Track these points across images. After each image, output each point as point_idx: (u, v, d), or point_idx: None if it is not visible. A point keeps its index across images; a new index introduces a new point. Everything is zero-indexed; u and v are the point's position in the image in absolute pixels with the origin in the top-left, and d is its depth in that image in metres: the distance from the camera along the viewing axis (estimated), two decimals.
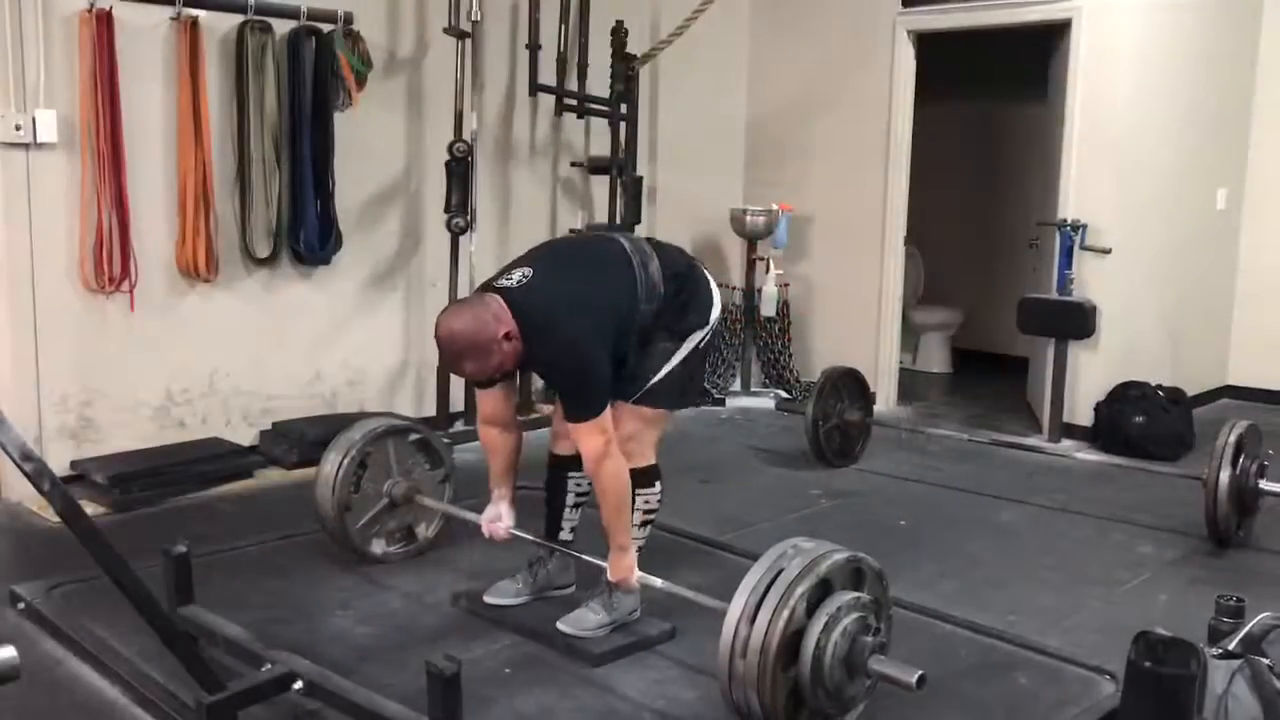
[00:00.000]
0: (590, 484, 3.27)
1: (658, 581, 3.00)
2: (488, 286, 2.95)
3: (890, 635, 2.58)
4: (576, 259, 3.13)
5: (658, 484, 3.15)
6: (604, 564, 3.07)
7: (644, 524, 3.14)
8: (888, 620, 2.58)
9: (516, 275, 2.93)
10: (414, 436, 3.71)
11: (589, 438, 2.89)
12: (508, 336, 2.82)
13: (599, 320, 2.92)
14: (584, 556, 3.20)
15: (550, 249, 3.29)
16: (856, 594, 2.46)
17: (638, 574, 3.02)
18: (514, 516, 3.28)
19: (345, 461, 3.51)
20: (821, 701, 2.43)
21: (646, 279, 3.03)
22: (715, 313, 3.19)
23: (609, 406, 2.91)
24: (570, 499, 3.31)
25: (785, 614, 2.34)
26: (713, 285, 3.23)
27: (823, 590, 2.42)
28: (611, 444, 2.92)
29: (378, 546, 3.68)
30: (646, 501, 3.12)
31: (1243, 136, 6.60)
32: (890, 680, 2.40)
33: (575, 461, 3.23)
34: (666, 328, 3.07)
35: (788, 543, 2.52)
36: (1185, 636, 2.33)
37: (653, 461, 3.14)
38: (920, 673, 2.34)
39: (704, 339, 3.16)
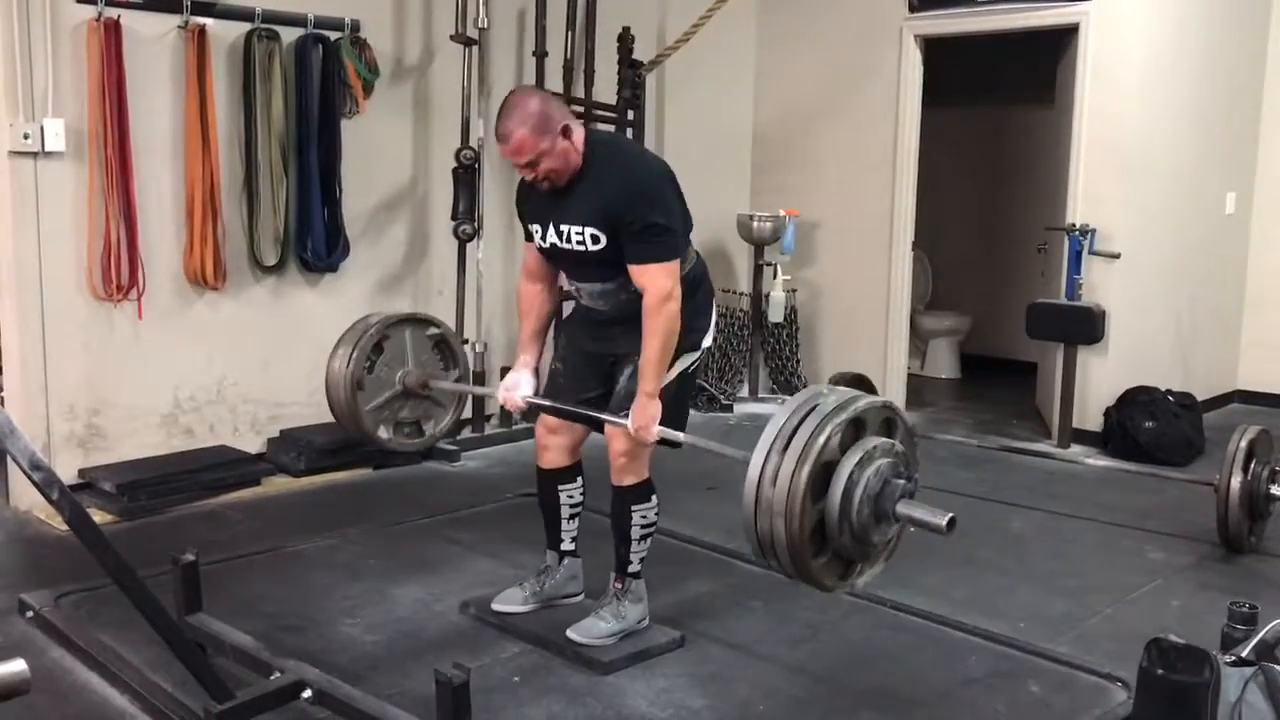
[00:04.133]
0: (583, 494, 3.28)
1: (681, 436, 2.92)
2: None
3: (918, 484, 2.46)
4: None
5: (653, 498, 3.12)
6: (623, 421, 2.94)
7: (644, 538, 3.13)
8: (916, 476, 2.48)
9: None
10: (432, 330, 3.61)
11: (659, 277, 2.85)
12: (566, 132, 2.82)
13: (676, 190, 3.00)
14: (602, 415, 3.04)
15: None
16: (890, 440, 2.39)
17: (658, 428, 2.92)
18: (534, 385, 3.21)
19: (362, 340, 3.42)
20: (846, 541, 2.34)
21: (689, 249, 3.10)
22: (708, 340, 3.16)
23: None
24: (566, 511, 3.29)
25: (820, 441, 2.25)
26: (713, 309, 3.22)
27: (855, 429, 2.34)
28: (677, 289, 2.89)
29: (385, 431, 3.58)
30: (644, 516, 3.10)
31: (1252, 140, 6.59)
32: (919, 524, 2.32)
33: (563, 474, 3.24)
34: None
35: (818, 386, 2.47)
36: (1198, 643, 2.31)
37: (646, 476, 3.10)
38: (951, 515, 2.26)
39: (694, 363, 3.12)
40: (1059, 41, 5.95)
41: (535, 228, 3.05)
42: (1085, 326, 5.50)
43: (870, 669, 3.10)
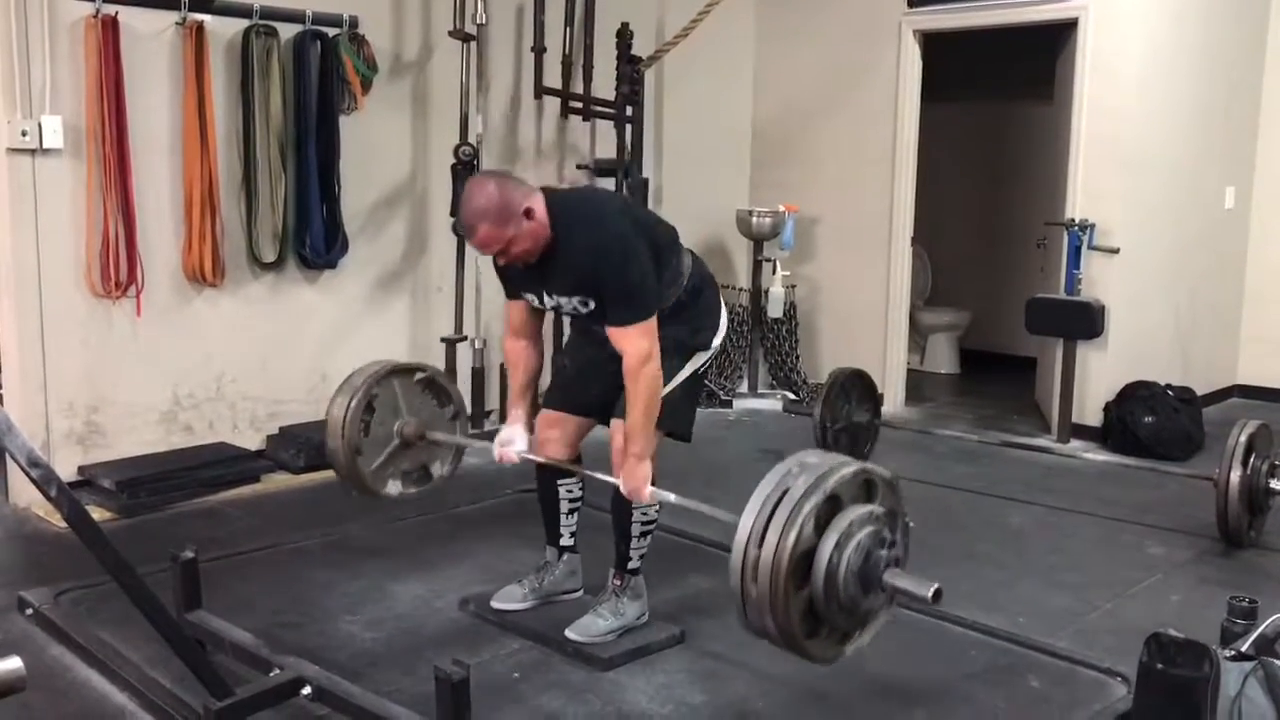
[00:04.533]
0: (582, 489, 3.28)
1: (671, 496, 2.93)
2: None
3: (907, 544, 2.46)
4: (630, 200, 3.12)
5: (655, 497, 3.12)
6: (616, 481, 2.98)
7: (644, 534, 3.13)
8: (904, 528, 2.46)
9: (567, 184, 2.96)
10: (419, 376, 3.59)
11: (636, 340, 2.84)
12: (529, 214, 2.81)
13: (644, 236, 2.91)
14: (598, 475, 3.08)
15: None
16: (868, 508, 2.37)
17: (650, 488, 2.94)
18: (527, 440, 3.22)
19: (352, 404, 3.38)
20: (838, 618, 2.35)
21: (678, 261, 3.05)
22: (718, 339, 3.17)
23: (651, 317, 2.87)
24: (565, 506, 3.29)
25: (793, 535, 2.24)
26: (724, 310, 3.22)
27: (832, 507, 2.32)
28: (656, 349, 2.87)
29: (393, 488, 3.54)
30: (645, 513, 3.10)
31: (1251, 134, 6.58)
32: (906, 594, 2.31)
33: (560, 470, 3.24)
34: (673, 338, 3.02)
35: (793, 459, 2.42)
36: (1197, 638, 2.32)
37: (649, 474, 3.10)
38: (936, 586, 2.25)
39: (705, 364, 3.14)
40: (1058, 36, 5.94)
41: (530, 296, 3.09)
42: (1085, 321, 5.49)
43: (869, 664, 3.09)
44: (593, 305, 2.94)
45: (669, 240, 3.08)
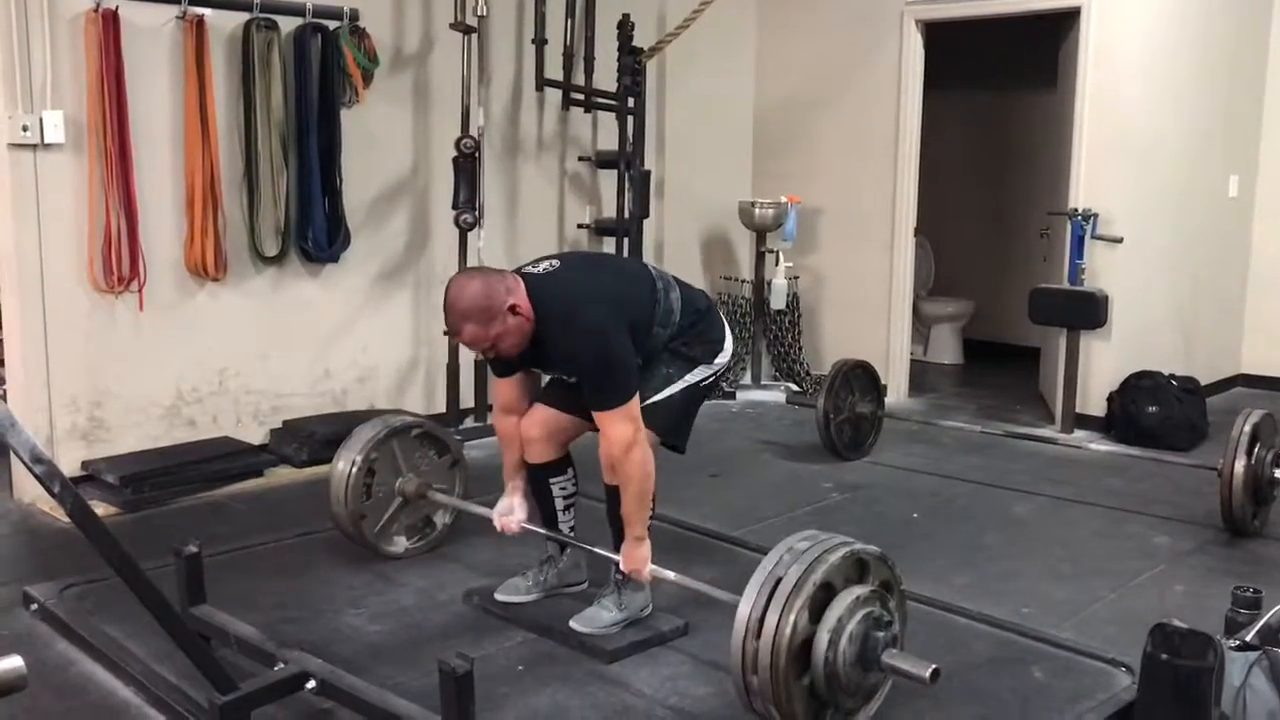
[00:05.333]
0: (575, 485, 3.30)
1: (671, 575, 2.98)
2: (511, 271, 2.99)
3: (904, 617, 2.55)
4: (604, 264, 3.27)
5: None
6: (616, 557, 3.04)
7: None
8: (899, 601, 2.53)
9: (544, 265, 3.00)
10: (416, 431, 3.70)
11: (617, 425, 2.85)
12: (514, 310, 2.83)
13: (620, 315, 2.91)
14: (596, 550, 3.17)
15: (580, 253, 3.32)
16: (859, 590, 2.41)
17: (651, 567, 3.00)
18: (527, 510, 3.28)
19: (353, 471, 3.52)
20: (842, 700, 2.42)
21: (665, 303, 3.05)
22: (723, 358, 3.17)
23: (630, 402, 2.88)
24: (560, 503, 3.30)
25: (788, 629, 2.31)
26: (728, 332, 3.22)
27: (824, 594, 2.38)
28: (640, 432, 2.88)
29: (399, 545, 3.70)
30: None
31: (1255, 122, 6.56)
32: (903, 675, 2.38)
33: (552, 468, 3.25)
34: (673, 351, 3.07)
35: (785, 545, 2.46)
36: (1202, 628, 2.31)
37: None
38: (934, 667, 2.31)
39: (707, 378, 3.14)
40: (1060, 25, 5.93)
41: (535, 370, 3.15)
42: (1088, 311, 5.48)
43: None
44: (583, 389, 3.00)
45: (645, 298, 3.02)
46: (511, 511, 3.27)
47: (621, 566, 3.03)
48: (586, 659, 3.01)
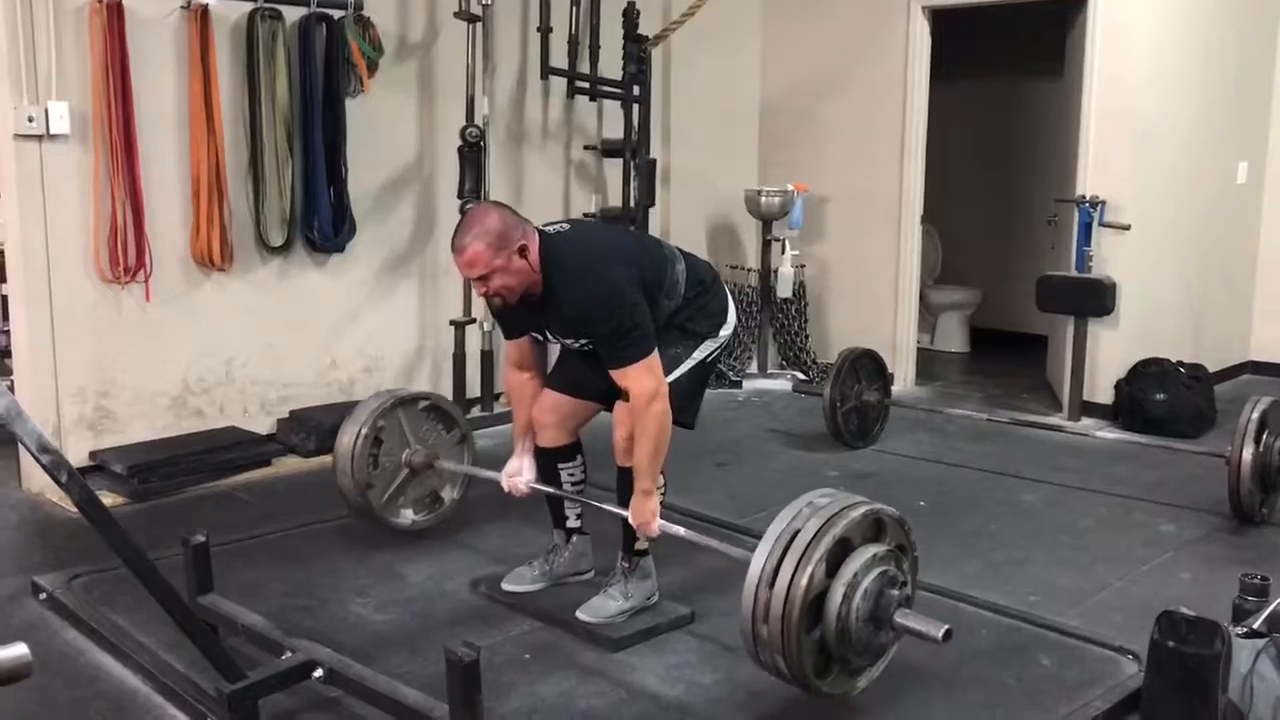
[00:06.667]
0: (584, 472, 3.29)
1: (680, 530, 2.97)
2: None
3: (916, 580, 2.54)
4: (614, 230, 3.17)
5: (660, 475, 3.11)
6: (624, 513, 3.01)
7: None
8: (913, 564, 2.53)
9: (556, 225, 3.00)
10: (423, 404, 3.69)
11: (640, 378, 2.85)
12: (523, 251, 2.82)
13: (635, 273, 2.91)
14: (604, 506, 3.14)
15: (591, 220, 3.31)
16: (876, 549, 2.41)
17: (660, 521, 2.97)
18: (535, 470, 3.26)
19: (359, 441, 3.50)
20: (850, 657, 2.40)
21: (672, 274, 3.04)
22: (727, 330, 3.17)
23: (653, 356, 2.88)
24: (567, 489, 3.30)
25: (804, 579, 2.29)
26: (730, 302, 3.22)
27: (842, 549, 2.36)
28: (662, 386, 2.88)
29: (406, 517, 3.67)
30: None
31: (1264, 108, 6.53)
32: (915, 634, 2.36)
33: (562, 453, 3.25)
34: (680, 327, 3.06)
35: (804, 499, 2.47)
36: (1209, 615, 2.31)
37: None
38: (946, 627, 2.31)
39: (713, 352, 3.14)
40: (1067, 11, 5.89)
41: (534, 334, 3.13)
42: (1095, 299, 5.47)
43: None
44: (592, 346, 2.99)
45: (658, 262, 3.05)
46: (520, 472, 3.25)
47: (630, 520, 2.99)
48: (593, 647, 3.02)
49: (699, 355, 3.09)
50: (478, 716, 2.30)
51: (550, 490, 3.28)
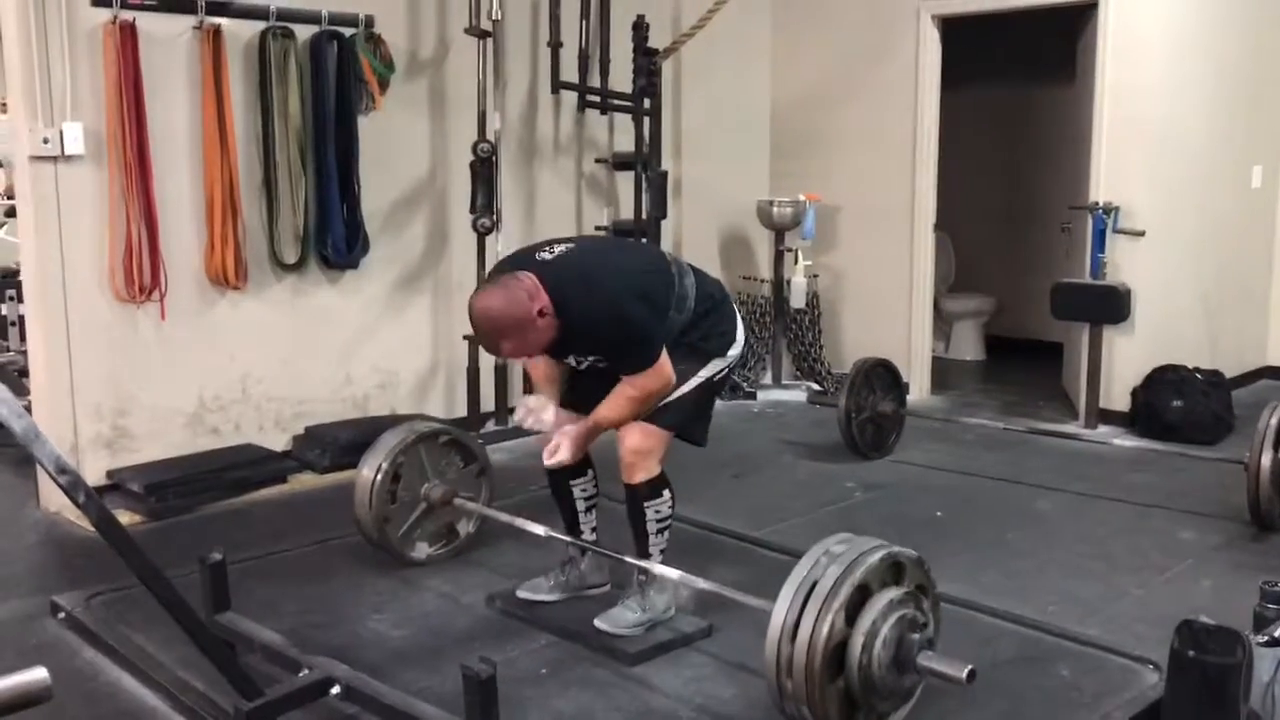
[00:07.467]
0: (596, 486, 3.32)
1: (702, 582, 2.97)
2: (521, 257, 2.99)
3: (938, 619, 2.54)
4: (618, 244, 3.18)
5: (665, 492, 3.12)
6: (637, 563, 3.04)
7: (660, 531, 3.13)
8: (934, 603, 2.53)
9: (557, 249, 2.99)
10: (444, 438, 3.71)
11: (650, 381, 2.93)
12: (542, 313, 2.83)
13: (638, 286, 2.93)
14: (617, 555, 3.17)
15: (593, 237, 3.32)
16: (895, 593, 2.41)
17: (679, 573, 2.99)
18: (558, 416, 3.18)
19: (379, 476, 3.52)
20: (875, 702, 2.41)
21: (680, 288, 3.05)
22: (736, 350, 3.17)
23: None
24: (581, 505, 3.31)
25: (825, 630, 2.30)
26: (739, 322, 3.22)
27: (861, 595, 2.37)
28: (669, 379, 2.95)
29: (421, 550, 3.70)
30: (657, 511, 3.11)
31: (1277, 112, 6.49)
32: (940, 676, 2.37)
33: (572, 470, 3.25)
34: (689, 345, 3.06)
35: (821, 547, 2.47)
36: (1230, 624, 2.29)
37: (658, 473, 3.10)
38: (970, 668, 2.31)
39: (720, 372, 3.15)
40: (1078, 17, 5.89)
41: (561, 358, 3.14)
42: (1110, 306, 5.44)
43: None
44: (605, 363, 3.03)
45: (664, 272, 3.06)
46: (545, 408, 3.17)
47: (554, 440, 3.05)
48: (610, 661, 3.01)
49: (706, 373, 3.09)
50: None
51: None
